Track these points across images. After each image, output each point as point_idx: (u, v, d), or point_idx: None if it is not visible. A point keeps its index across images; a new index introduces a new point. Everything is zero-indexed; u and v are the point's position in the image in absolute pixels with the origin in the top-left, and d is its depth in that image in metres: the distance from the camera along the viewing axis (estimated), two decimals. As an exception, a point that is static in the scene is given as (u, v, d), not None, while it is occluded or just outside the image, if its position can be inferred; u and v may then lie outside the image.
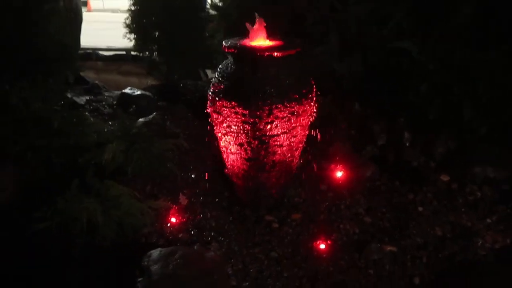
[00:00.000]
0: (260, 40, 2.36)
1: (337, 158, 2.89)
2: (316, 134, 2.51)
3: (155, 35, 4.05)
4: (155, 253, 1.90)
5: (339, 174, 2.79)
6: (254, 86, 2.18)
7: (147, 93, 3.84)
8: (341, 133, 3.14)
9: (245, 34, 2.44)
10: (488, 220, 2.18)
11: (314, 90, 2.37)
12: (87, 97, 4.02)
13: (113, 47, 6.09)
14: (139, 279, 1.79)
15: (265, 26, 2.37)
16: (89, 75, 5.23)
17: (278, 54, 2.18)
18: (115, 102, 3.95)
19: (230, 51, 2.25)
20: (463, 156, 2.66)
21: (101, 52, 5.89)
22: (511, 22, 2.93)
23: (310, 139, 2.50)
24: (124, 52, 5.81)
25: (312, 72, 2.53)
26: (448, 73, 2.93)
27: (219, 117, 2.32)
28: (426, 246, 2.09)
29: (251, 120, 2.20)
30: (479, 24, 3.07)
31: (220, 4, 4.06)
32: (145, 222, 2.24)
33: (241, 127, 2.25)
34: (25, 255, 2.02)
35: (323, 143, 2.85)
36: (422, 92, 2.98)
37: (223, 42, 2.34)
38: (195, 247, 2.04)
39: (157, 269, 1.79)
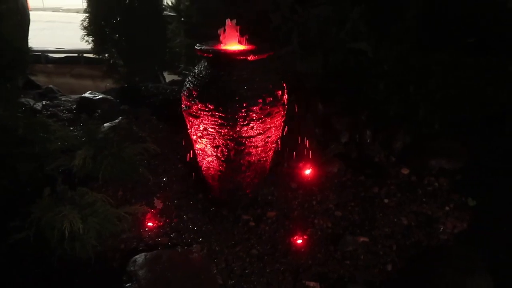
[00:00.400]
0: (233, 44, 2.41)
1: (305, 156, 3.01)
2: (284, 134, 2.61)
3: (115, 37, 3.97)
4: (139, 258, 1.90)
5: (307, 171, 2.91)
6: (230, 89, 2.23)
7: (109, 96, 3.76)
8: (306, 132, 3.27)
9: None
10: (447, 208, 2.39)
11: (286, 91, 2.47)
12: (43, 102, 3.86)
13: (64, 49, 5.84)
14: (126, 285, 1.78)
15: (237, 30, 2.43)
16: (40, 79, 5.01)
17: (253, 57, 2.25)
18: (74, 107, 3.82)
19: (205, 55, 2.29)
20: (419, 149, 2.88)
21: (50, 55, 5.64)
22: (455, 26, 3.22)
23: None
24: (76, 54, 5.61)
25: (277, 73, 2.64)
26: (404, 72, 3.16)
27: (195, 120, 2.35)
28: (394, 235, 2.26)
29: (228, 122, 2.26)
30: (426, 27, 3.33)
31: (181, 6, 4.05)
32: (123, 228, 2.22)
33: (218, 130, 2.29)
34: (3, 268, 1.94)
35: (290, 142, 2.96)
36: (381, 90, 3.18)
37: (196, 46, 2.37)
38: (179, 250, 2.06)
39: (144, 274, 1.79)
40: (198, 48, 2.34)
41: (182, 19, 4.08)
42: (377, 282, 1.90)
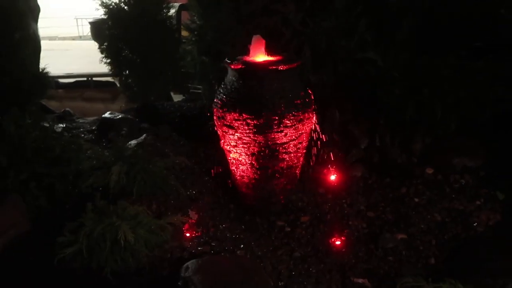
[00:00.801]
0: (260, 56, 2.51)
1: (327, 163, 3.09)
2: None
3: (129, 57, 4.07)
4: (191, 264, 1.94)
5: (332, 177, 2.99)
6: (264, 98, 2.32)
7: (129, 116, 3.84)
8: (326, 139, 3.35)
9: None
10: (478, 202, 2.47)
11: (313, 98, 2.56)
12: (63, 125, 3.92)
13: (73, 74, 5.93)
14: (184, 290, 1.82)
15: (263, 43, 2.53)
16: (51, 103, 5.08)
17: (283, 67, 2.35)
18: (93, 128, 3.89)
19: (237, 67, 2.38)
20: (440, 150, 2.98)
21: (60, 80, 5.72)
22: (456, 31, 3.35)
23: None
24: (85, 79, 5.70)
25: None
26: (416, 77, 3.28)
27: (230, 130, 2.42)
28: (431, 231, 2.32)
29: (263, 130, 2.34)
30: (428, 33, 3.46)
31: (193, 25, 4.17)
32: (166, 238, 2.27)
33: (252, 138, 2.37)
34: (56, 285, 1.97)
35: (312, 149, 3.04)
36: (396, 95, 3.29)
37: (226, 59, 2.46)
38: (228, 255, 2.11)
39: (200, 279, 1.83)
40: (229, 61, 2.43)
41: (193, 38, 4.20)
42: (424, 275, 1.95)
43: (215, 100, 2.52)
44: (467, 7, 3.33)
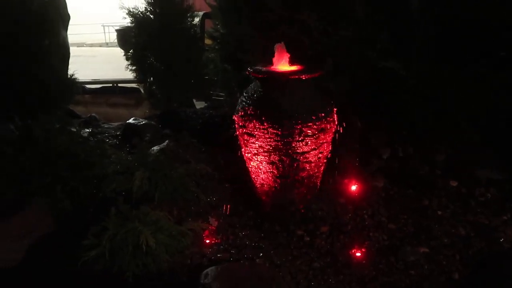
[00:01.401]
0: (283, 65, 2.53)
1: (348, 172, 3.06)
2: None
3: (154, 64, 4.16)
4: (211, 271, 1.96)
5: (353, 187, 2.96)
6: (285, 107, 2.33)
7: (152, 122, 3.90)
8: (346, 149, 3.32)
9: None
10: (504, 217, 2.41)
11: (334, 108, 2.56)
12: (88, 130, 4.01)
13: (99, 80, 6.08)
14: (203, 297, 1.84)
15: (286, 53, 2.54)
16: (77, 108, 5.20)
17: (305, 76, 2.36)
18: (118, 133, 3.97)
19: (260, 76, 2.40)
20: (464, 161, 2.91)
21: (87, 86, 5.87)
22: (476, 42, 3.28)
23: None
24: (110, 85, 5.84)
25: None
26: (438, 87, 3.23)
27: (251, 138, 2.44)
28: (455, 245, 2.27)
29: (284, 139, 2.34)
30: (449, 43, 3.40)
31: (216, 34, 4.23)
32: (187, 244, 2.29)
33: (273, 146, 2.38)
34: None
35: (332, 158, 3.02)
36: (418, 104, 3.24)
37: (249, 69, 2.49)
38: (247, 263, 2.11)
39: (218, 286, 1.84)
40: (251, 70, 2.45)
41: (216, 46, 4.26)
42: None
43: (236, 108, 2.55)
44: (489, 15, 3.26)
